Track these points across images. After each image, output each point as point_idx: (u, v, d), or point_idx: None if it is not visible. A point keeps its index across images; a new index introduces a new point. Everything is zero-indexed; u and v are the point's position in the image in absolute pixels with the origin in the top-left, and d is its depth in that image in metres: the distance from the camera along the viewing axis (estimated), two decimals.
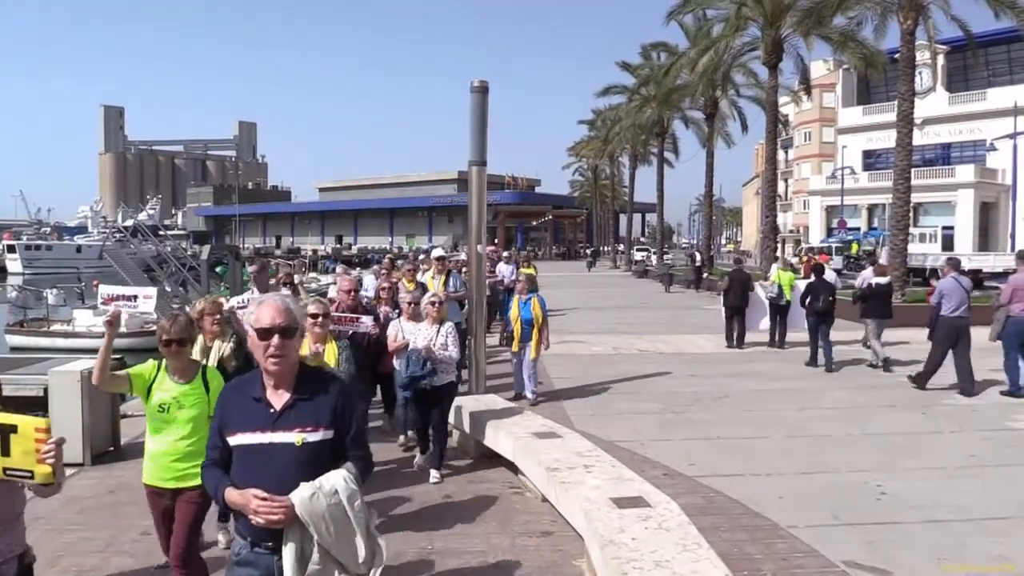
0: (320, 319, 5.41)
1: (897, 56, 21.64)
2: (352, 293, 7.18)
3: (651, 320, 19.68)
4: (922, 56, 26.10)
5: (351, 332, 6.56)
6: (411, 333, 6.71)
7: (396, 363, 6.92)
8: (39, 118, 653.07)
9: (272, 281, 8.69)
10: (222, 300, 6.04)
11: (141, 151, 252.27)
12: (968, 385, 10.27)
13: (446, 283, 10.25)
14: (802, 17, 24.60)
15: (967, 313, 10.40)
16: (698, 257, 35.77)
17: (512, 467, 6.68)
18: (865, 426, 8.53)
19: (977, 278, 24.82)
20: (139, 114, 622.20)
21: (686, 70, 33.42)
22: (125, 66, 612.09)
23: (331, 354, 5.56)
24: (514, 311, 9.72)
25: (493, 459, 7.11)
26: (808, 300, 12.64)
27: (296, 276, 9.12)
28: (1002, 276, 21.02)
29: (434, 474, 6.64)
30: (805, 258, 31.69)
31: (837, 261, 36.19)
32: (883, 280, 12.67)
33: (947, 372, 10.41)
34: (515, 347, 9.71)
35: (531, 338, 9.53)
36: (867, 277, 13.30)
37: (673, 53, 38.37)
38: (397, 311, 7.96)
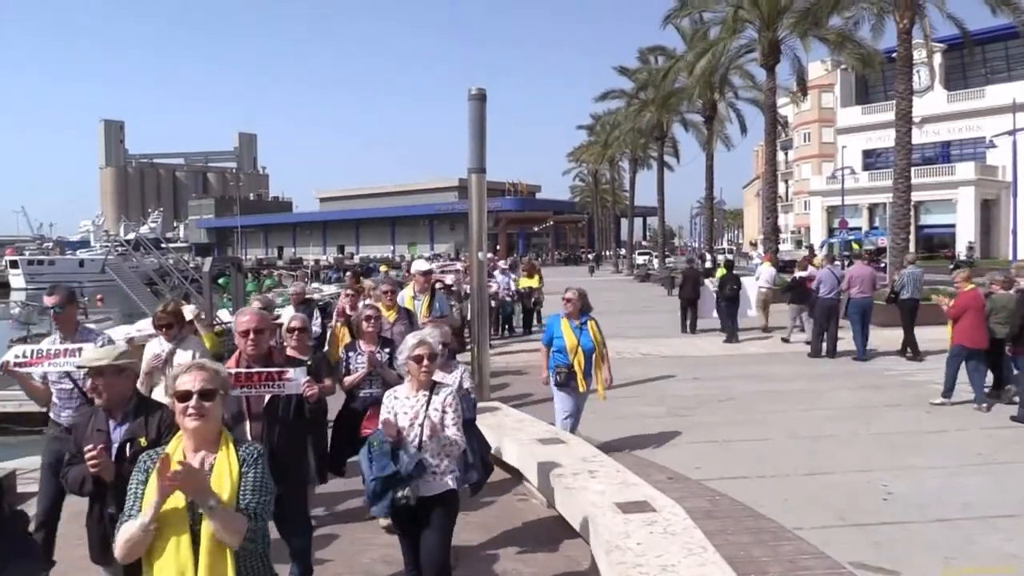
0: (197, 401, 2.60)
1: (894, 55, 21.68)
2: (255, 335, 4.15)
3: (654, 324, 19.64)
4: (919, 55, 26.15)
5: (268, 399, 4.06)
6: (391, 409, 4.09)
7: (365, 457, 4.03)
8: (39, 134, 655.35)
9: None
10: None
11: (142, 164, 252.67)
12: (832, 348, 13.19)
13: (431, 305, 8.43)
14: (799, 18, 24.66)
15: (838, 296, 13.27)
16: (699, 262, 35.43)
17: (517, 473, 6.67)
18: (869, 426, 8.52)
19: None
20: (139, 127, 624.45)
21: (684, 73, 33.49)
22: (124, 79, 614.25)
23: (224, 474, 2.54)
24: (570, 339, 7.19)
25: (497, 465, 7.11)
26: (721, 288, 15.87)
27: (189, 309, 6.63)
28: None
29: None
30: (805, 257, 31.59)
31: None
32: (804, 274, 15.17)
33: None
34: (583, 386, 7.21)
35: (592, 373, 7.25)
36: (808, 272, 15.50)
37: (671, 57, 38.45)
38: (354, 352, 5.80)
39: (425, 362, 4.05)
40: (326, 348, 7.19)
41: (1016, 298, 9.10)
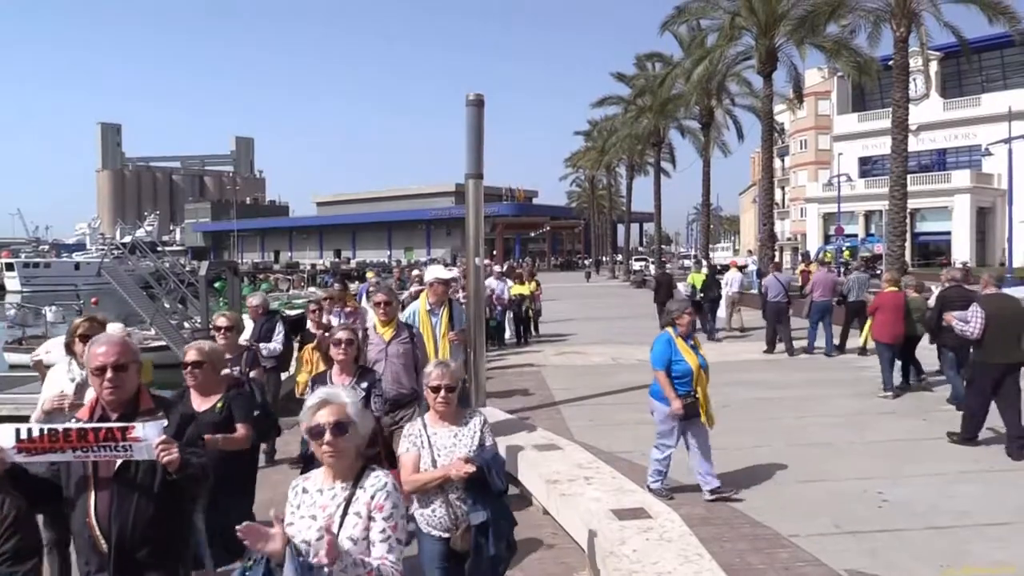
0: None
1: (891, 63, 21.79)
2: (114, 372, 2.85)
3: (650, 330, 19.52)
4: (915, 63, 26.30)
5: (118, 466, 2.74)
6: (295, 508, 2.58)
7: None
8: (36, 136, 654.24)
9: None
10: None
11: (139, 167, 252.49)
12: (782, 346, 14.36)
13: (451, 321, 6.89)
14: (796, 26, 24.74)
15: (785, 298, 14.67)
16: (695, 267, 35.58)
17: (512, 479, 6.67)
18: (866, 433, 8.52)
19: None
20: (136, 131, 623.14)
21: (681, 80, 33.57)
22: (122, 83, 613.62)
23: None
24: (692, 361, 6.13)
25: None
26: (705, 292, 17.35)
27: (116, 327, 5.57)
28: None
29: None
30: (803, 266, 31.66)
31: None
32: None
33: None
34: (711, 420, 6.24)
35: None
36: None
37: (668, 63, 38.59)
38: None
39: (327, 437, 2.39)
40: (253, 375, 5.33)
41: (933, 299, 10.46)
